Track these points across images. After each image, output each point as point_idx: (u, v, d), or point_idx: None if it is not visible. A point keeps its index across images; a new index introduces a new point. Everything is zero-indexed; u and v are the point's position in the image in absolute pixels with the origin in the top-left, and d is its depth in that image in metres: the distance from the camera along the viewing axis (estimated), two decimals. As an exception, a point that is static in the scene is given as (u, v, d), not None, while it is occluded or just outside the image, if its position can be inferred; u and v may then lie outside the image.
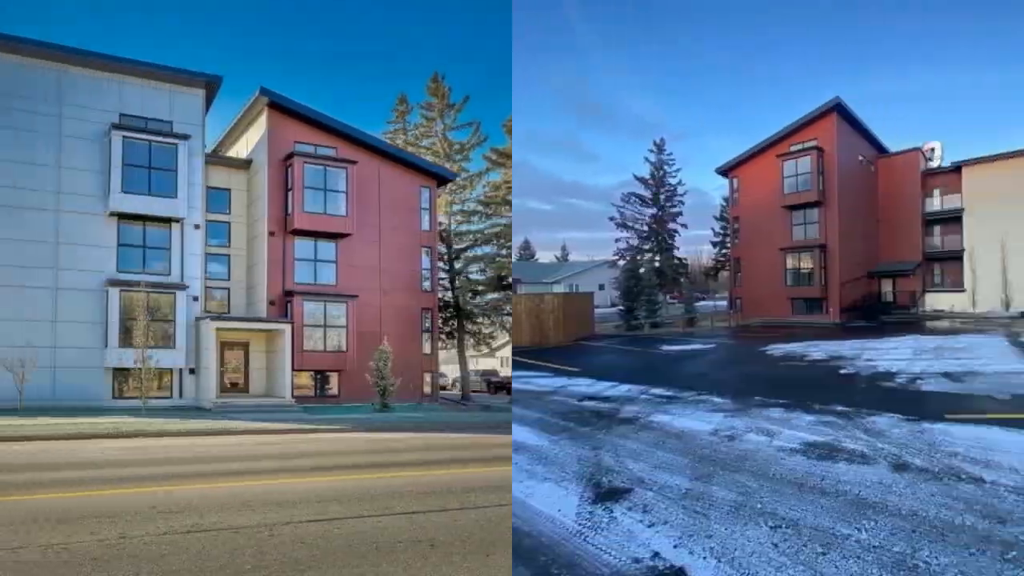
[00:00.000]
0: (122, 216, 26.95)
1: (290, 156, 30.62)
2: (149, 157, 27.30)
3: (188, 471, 12.62)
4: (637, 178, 62.46)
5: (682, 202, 64.01)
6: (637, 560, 6.51)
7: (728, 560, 6.33)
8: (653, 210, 62.52)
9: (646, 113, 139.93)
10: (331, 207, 31.10)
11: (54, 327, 25.49)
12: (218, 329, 27.65)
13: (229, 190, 31.97)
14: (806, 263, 45.79)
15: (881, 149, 53.07)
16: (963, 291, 47.73)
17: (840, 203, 44.58)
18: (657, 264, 58.59)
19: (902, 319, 42.96)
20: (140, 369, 24.09)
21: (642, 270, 46.25)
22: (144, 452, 15.25)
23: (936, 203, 50.02)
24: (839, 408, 13.73)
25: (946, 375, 18.03)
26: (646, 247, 61.43)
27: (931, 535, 6.74)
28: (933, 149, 52.68)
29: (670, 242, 63.84)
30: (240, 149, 34.33)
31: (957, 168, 48.90)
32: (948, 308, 47.88)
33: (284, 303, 30.03)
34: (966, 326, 35.71)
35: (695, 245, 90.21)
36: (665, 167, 62.42)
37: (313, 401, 29.49)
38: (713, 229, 70.28)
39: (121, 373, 26.22)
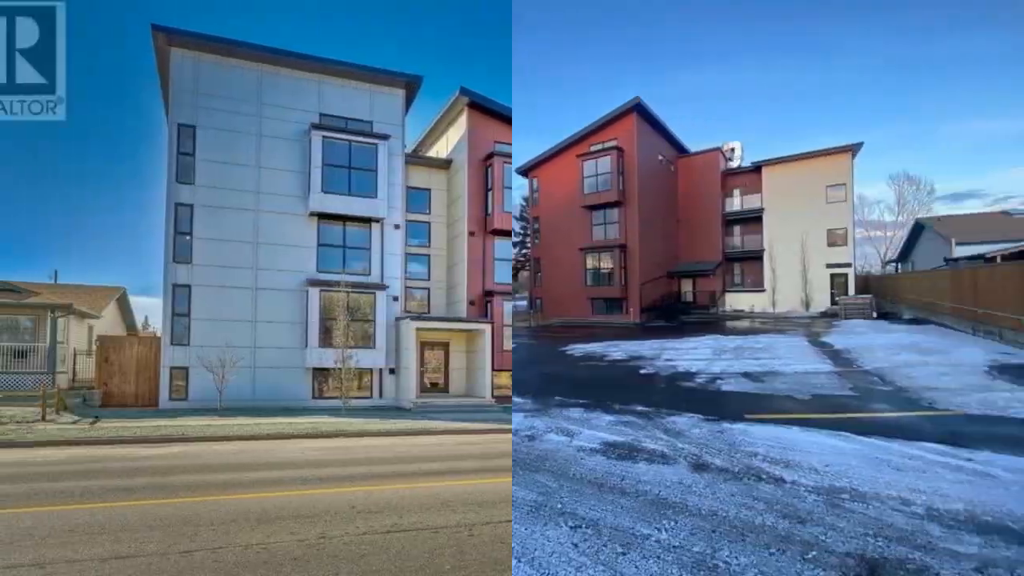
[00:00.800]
0: (322, 216, 28.20)
1: (490, 156, 31.18)
2: (349, 157, 28.44)
3: (388, 471, 12.94)
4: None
5: (484, 202, 63.39)
6: (439, 559, 6.77)
7: (528, 560, 6.49)
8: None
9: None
10: (531, 207, 31.17)
11: (254, 327, 26.88)
12: (418, 329, 28.37)
13: (429, 190, 32.88)
14: (606, 263, 47.25)
15: (681, 149, 55.05)
16: (763, 291, 50.53)
17: (640, 203, 46.01)
18: (456, 265, 59.30)
19: (702, 319, 45.01)
20: (340, 369, 25.18)
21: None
22: (344, 452, 15.74)
23: (736, 203, 52.63)
24: (639, 408, 14.06)
25: (746, 375, 18.51)
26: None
27: (731, 535, 6.87)
28: (733, 149, 55.34)
29: (471, 242, 62.78)
30: (440, 149, 35.34)
31: (757, 168, 51.52)
32: (748, 308, 50.74)
33: (484, 303, 30.48)
34: (766, 326, 37.51)
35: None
36: (467, 167, 61.65)
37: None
38: (513, 230, 68.79)
39: (321, 373, 27.39)
